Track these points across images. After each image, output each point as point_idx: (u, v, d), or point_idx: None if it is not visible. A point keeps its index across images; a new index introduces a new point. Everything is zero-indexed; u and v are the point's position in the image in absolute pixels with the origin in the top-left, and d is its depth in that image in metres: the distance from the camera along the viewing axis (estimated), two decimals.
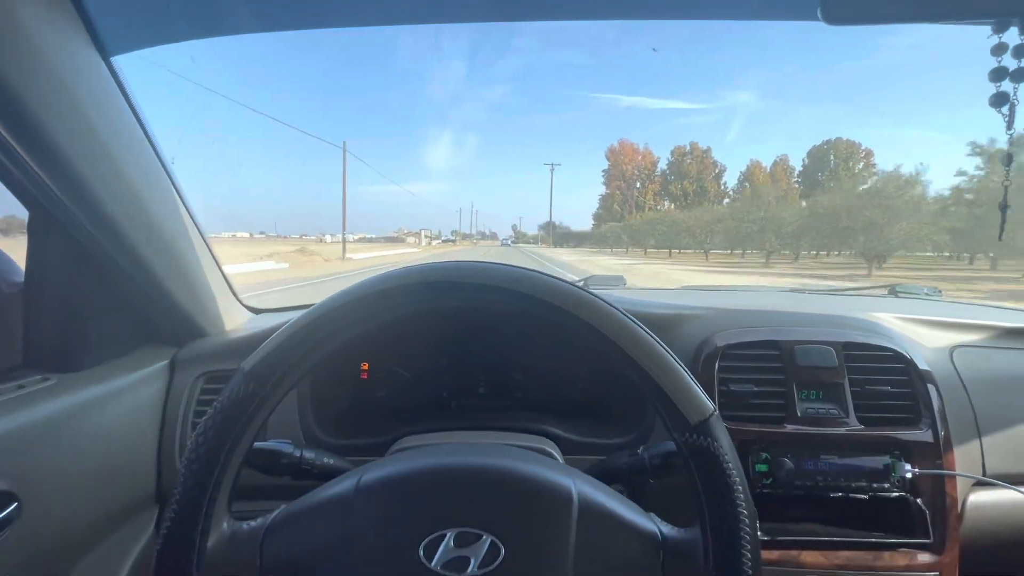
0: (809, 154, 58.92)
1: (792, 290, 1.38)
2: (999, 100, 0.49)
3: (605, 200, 74.02)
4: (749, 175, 65.43)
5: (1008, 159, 0.55)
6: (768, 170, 65.11)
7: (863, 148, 55.34)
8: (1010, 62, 0.48)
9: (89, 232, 0.70)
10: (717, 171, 69.06)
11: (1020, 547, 0.84)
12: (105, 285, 0.79)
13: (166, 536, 0.44)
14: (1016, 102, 0.48)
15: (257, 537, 0.46)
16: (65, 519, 0.67)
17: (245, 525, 0.47)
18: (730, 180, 70.24)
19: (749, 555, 0.44)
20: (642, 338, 0.46)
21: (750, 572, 0.44)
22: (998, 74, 0.49)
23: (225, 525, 0.46)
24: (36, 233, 0.72)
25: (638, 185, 71.70)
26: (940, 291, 1.31)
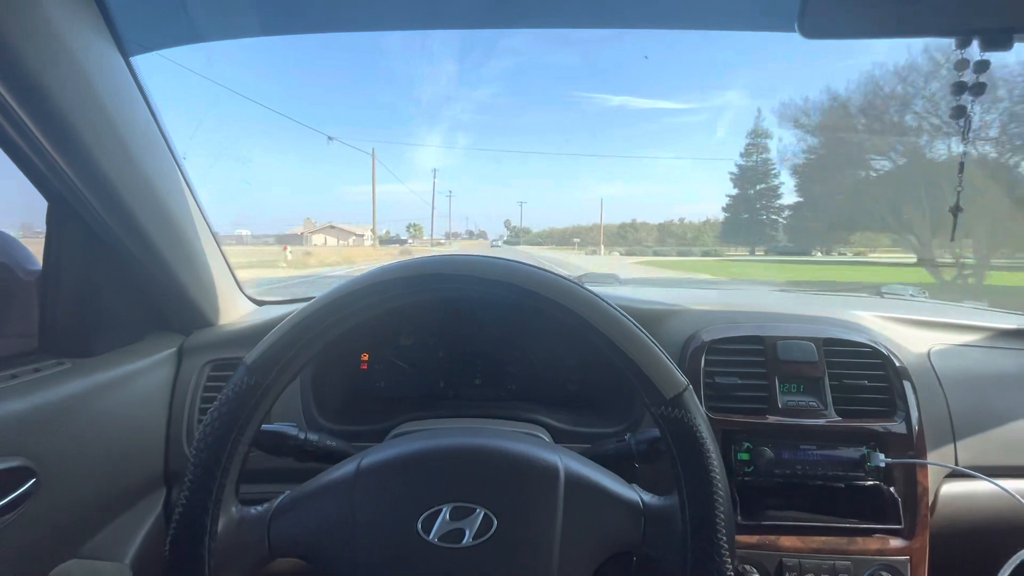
0: None
1: (780, 289, 1.41)
2: (957, 112, 0.53)
3: None
4: None
5: (961, 167, 0.59)
6: None
7: None
8: (971, 77, 0.52)
9: (105, 222, 0.73)
10: None
11: (988, 534, 0.88)
12: (118, 275, 0.82)
13: (178, 522, 0.46)
14: (972, 115, 0.52)
15: (264, 520, 0.49)
16: (79, 496, 0.70)
17: (252, 510, 0.50)
18: None
19: (722, 516, 0.47)
20: (618, 319, 0.49)
21: (723, 532, 0.47)
22: (958, 88, 0.53)
23: (234, 510, 0.49)
24: (54, 223, 0.75)
25: None
26: (925, 292, 1.35)
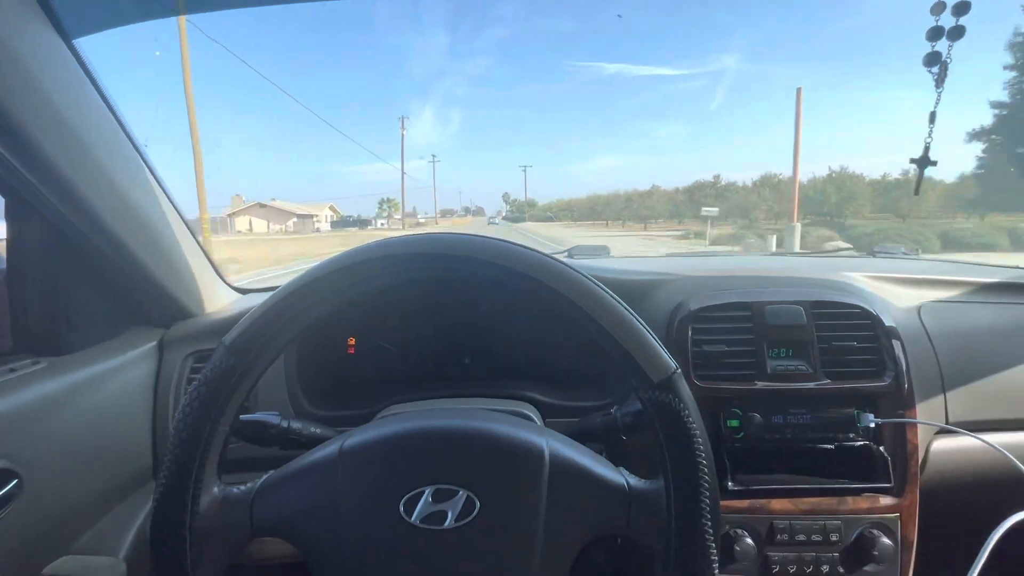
0: None
1: (773, 254, 1.40)
2: (931, 60, 0.51)
3: None
4: None
5: (932, 117, 0.56)
6: None
7: None
8: (947, 20, 0.49)
9: (65, 217, 0.71)
10: None
11: (977, 488, 0.88)
12: (87, 268, 0.80)
13: (159, 501, 0.46)
14: (949, 60, 0.50)
15: (247, 500, 0.49)
16: (65, 495, 0.70)
17: (235, 489, 0.50)
18: None
19: (708, 502, 0.47)
20: (606, 301, 0.47)
21: (708, 518, 0.46)
22: (935, 33, 0.50)
23: (216, 490, 0.49)
24: (13, 219, 0.73)
25: None
26: (918, 250, 1.34)
